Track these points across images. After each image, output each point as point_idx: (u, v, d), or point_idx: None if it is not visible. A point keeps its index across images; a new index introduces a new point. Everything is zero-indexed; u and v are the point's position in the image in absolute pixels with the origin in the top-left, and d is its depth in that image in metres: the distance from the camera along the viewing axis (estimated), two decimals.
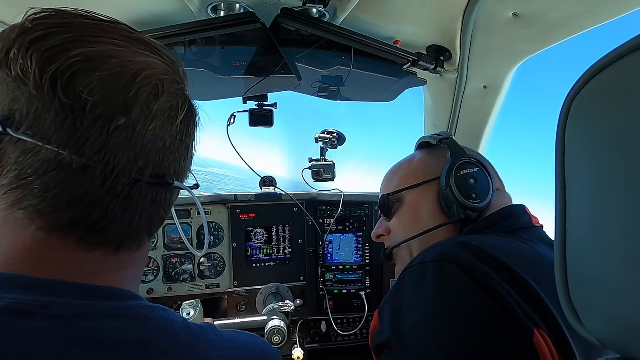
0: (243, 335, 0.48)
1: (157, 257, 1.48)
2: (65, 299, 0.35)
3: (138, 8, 1.04)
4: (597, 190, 0.29)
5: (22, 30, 0.35)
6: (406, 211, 0.81)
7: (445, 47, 1.25)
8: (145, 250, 0.46)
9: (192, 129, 0.46)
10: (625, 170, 0.27)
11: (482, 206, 0.72)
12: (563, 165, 0.33)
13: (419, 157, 0.86)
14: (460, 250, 0.56)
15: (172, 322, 0.40)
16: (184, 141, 0.44)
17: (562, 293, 0.33)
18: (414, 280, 0.56)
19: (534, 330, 0.47)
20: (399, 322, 0.54)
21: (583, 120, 0.31)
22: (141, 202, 0.40)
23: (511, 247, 0.61)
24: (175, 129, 0.41)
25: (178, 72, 0.44)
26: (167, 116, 0.41)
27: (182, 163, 0.44)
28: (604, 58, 0.28)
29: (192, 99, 0.46)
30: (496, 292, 0.50)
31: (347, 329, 1.60)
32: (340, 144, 1.64)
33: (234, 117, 1.45)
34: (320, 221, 1.59)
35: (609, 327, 0.29)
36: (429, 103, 1.55)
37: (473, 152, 0.81)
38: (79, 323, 0.35)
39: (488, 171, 0.75)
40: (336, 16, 1.11)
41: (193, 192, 0.50)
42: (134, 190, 0.38)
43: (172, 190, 0.44)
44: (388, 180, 0.88)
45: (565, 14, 0.98)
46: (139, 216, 0.40)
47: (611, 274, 0.28)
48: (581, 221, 0.32)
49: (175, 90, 0.42)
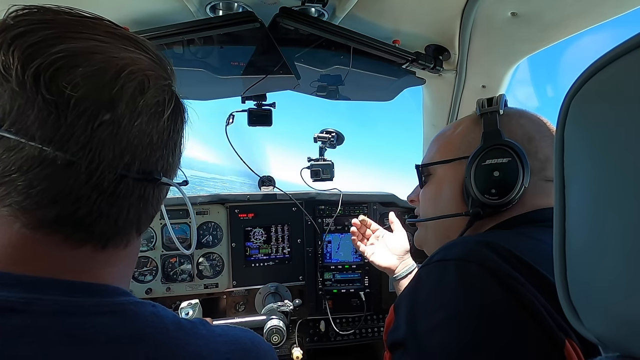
0: (235, 329, 0.47)
1: (156, 257, 1.47)
2: (52, 296, 0.35)
3: (136, 7, 1.03)
4: (596, 189, 0.29)
5: (4, 27, 0.35)
6: (432, 186, 0.77)
7: (444, 47, 1.25)
8: (134, 247, 0.45)
9: (179, 125, 0.45)
10: (624, 169, 0.27)
11: (500, 204, 0.64)
12: (562, 164, 0.33)
13: (464, 125, 0.74)
14: (485, 249, 0.52)
15: (161, 318, 0.40)
16: (171, 137, 0.43)
17: (561, 292, 0.33)
18: (433, 279, 0.53)
19: (565, 342, 0.43)
20: (416, 321, 0.51)
21: (582, 119, 0.31)
22: (128, 198, 0.39)
23: (538, 248, 0.55)
24: (162, 125, 0.41)
25: (165, 68, 0.44)
26: (154, 112, 0.40)
27: (170, 159, 0.44)
28: (604, 56, 0.28)
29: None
30: (524, 297, 0.45)
31: (346, 329, 1.60)
32: (339, 143, 1.64)
33: (232, 117, 1.45)
34: (319, 221, 1.59)
35: (608, 325, 0.29)
36: (427, 102, 1.55)
37: (525, 130, 0.67)
38: (66, 319, 0.35)
39: (523, 163, 0.62)
40: (335, 15, 1.11)
41: (182, 189, 0.50)
42: (120, 186, 0.38)
43: (160, 187, 0.44)
44: (430, 145, 0.81)
45: (563, 13, 0.98)
46: (126, 212, 0.40)
47: (610, 273, 0.28)
48: (580, 220, 0.32)
49: (161, 85, 0.41)
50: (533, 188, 0.65)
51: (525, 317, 0.45)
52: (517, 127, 0.67)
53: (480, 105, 0.70)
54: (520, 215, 0.65)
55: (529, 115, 0.70)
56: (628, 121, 0.27)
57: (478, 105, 0.71)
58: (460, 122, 0.77)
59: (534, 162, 0.65)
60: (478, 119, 0.71)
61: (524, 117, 0.69)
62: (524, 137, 0.66)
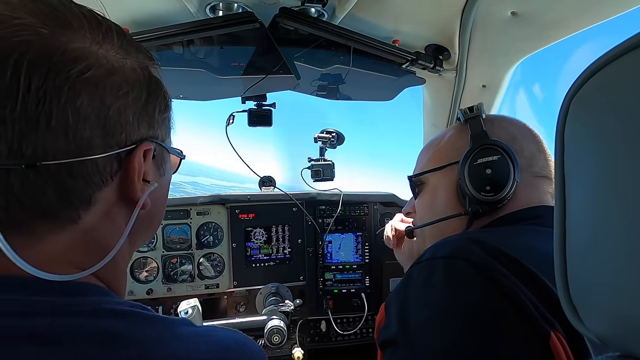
0: (220, 330, 0.44)
1: (157, 257, 1.48)
2: (19, 295, 0.35)
3: (136, 8, 1.03)
4: (596, 188, 0.29)
5: None
6: (427, 194, 0.79)
7: (444, 46, 1.25)
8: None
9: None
10: (624, 168, 0.27)
11: (496, 199, 0.66)
12: (562, 163, 0.33)
13: (450, 134, 0.79)
14: (473, 246, 0.53)
15: (140, 317, 0.38)
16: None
17: (561, 291, 0.33)
18: (422, 277, 0.54)
19: (550, 333, 0.45)
20: (405, 318, 0.52)
21: (583, 118, 0.31)
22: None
23: (526, 244, 0.57)
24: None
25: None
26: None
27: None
28: (604, 56, 0.28)
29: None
30: (510, 291, 0.47)
31: (347, 329, 1.60)
32: (339, 143, 1.64)
33: (232, 117, 1.45)
34: (320, 221, 1.59)
35: (608, 325, 0.29)
36: (427, 102, 1.55)
37: (508, 131, 0.71)
38: (34, 320, 0.34)
39: (512, 160, 0.66)
40: (335, 15, 1.11)
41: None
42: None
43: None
44: (419, 157, 0.84)
45: (563, 13, 0.98)
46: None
47: (611, 272, 0.28)
48: (581, 219, 0.32)
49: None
50: (524, 184, 0.68)
51: (511, 309, 0.46)
52: (499, 129, 0.72)
53: (464, 113, 0.75)
54: (510, 214, 0.68)
55: (509, 119, 0.76)
56: (628, 120, 0.27)
57: (461, 113, 0.76)
58: (445, 132, 0.81)
59: (521, 159, 0.68)
60: (463, 126, 0.76)
61: (504, 120, 0.75)
62: (509, 137, 0.71)
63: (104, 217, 0.41)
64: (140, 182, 0.43)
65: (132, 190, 0.42)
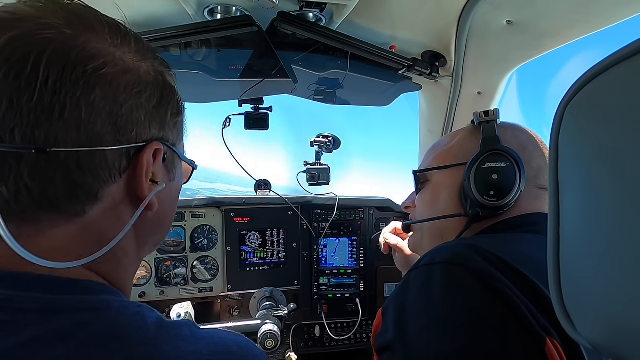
0: (222, 333, 0.44)
1: (150, 260, 1.46)
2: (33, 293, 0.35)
3: (134, 9, 1.03)
4: (591, 196, 0.29)
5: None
6: (429, 191, 0.80)
7: (441, 53, 1.26)
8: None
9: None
10: (618, 176, 0.27)
11: (498, 205, 0.67)
12: (556, 170, 0.33)
13: (461, 135, 0.79)
14: (471, 253, 0.54)
15: (144, 318, 0.39)
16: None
17: (555, 298, 0.33)
18: (420, 282, 0.54)
19: (545, 339, 0.45)
20: (403, 324, 0.52)
21: (577, 127, 0.31)
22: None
23: (522, 251, 0.58)
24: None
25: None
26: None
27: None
28: (598, 65, 0.28)
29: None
30: (508, 298, 0.47)
31: (341, 334, 1.59)
32: (336, 147, 1.64)
33: (229, 120, 1.45)
34: (315, 225, 1.58)
35: (602, 332, 0.29)
36: (424, 108, 1.56)
37: (520, 140, 0.72)
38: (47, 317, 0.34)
39: (520, 169, 0.67)
40: (332, 21, 1.11)
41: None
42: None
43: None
44: (426, 154, 0.85)
45: (558, 22, 0.99)
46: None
47: (605, 280, 0.28)
48: (574, 226, 0.32)
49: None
50: (527, 194, 0.69)
51: (507, 315, 0.47)
52: (512, 137, 0.72)
53: (478, 116, 0.75)
54: (509, 219, 0.69)
55: (522, 128, 0.76)
56: (623, 128, 0.27)
57: (476, 116, 0.75)
58: (456, 133, 0.82)
59: (528, 170, 0.69)
60: (474, 130, 0.76)
61: (517, 129, 0.75)
62: (519, 147, 0.70)
63: (110, 213, 0.41)
64: (148, 181, 0.43)
65: (139, 188, 0.42)
